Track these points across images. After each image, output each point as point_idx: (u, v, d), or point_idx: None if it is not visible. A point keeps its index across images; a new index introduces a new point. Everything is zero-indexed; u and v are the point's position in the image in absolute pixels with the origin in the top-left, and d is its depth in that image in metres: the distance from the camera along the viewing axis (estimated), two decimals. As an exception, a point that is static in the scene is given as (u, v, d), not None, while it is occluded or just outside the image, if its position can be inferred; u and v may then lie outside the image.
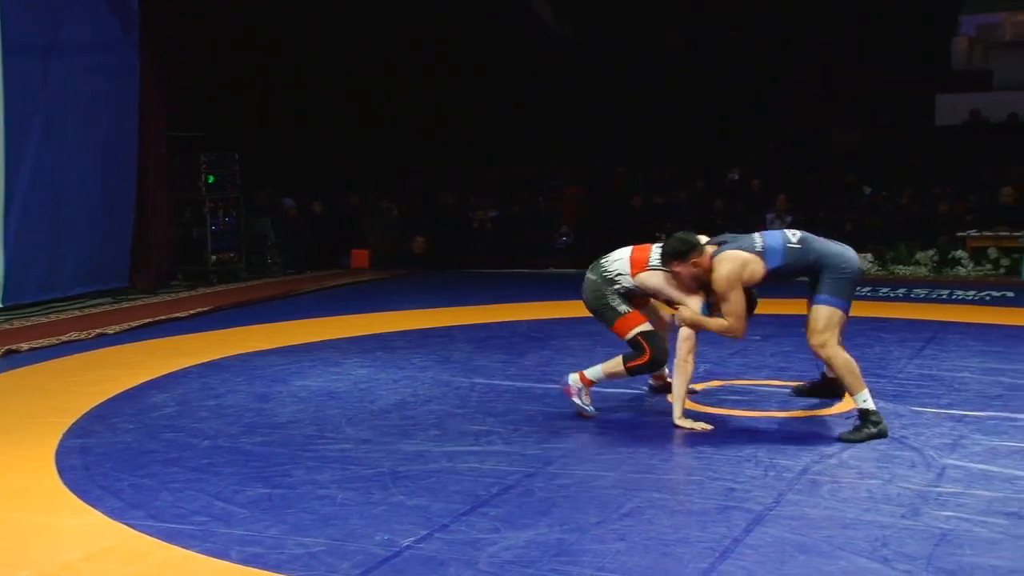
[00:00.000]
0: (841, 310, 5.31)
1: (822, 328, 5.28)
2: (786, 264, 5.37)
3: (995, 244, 12.15)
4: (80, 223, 10.74)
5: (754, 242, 5.41)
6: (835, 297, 5.30)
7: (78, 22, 10.68)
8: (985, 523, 4.01)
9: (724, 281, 5.34)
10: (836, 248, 5.42)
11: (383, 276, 13.05)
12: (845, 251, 5.43)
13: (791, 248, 5.36)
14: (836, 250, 5.39)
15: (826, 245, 5.41)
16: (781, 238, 5.42)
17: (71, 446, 5.36)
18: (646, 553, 3.79)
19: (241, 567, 3.73)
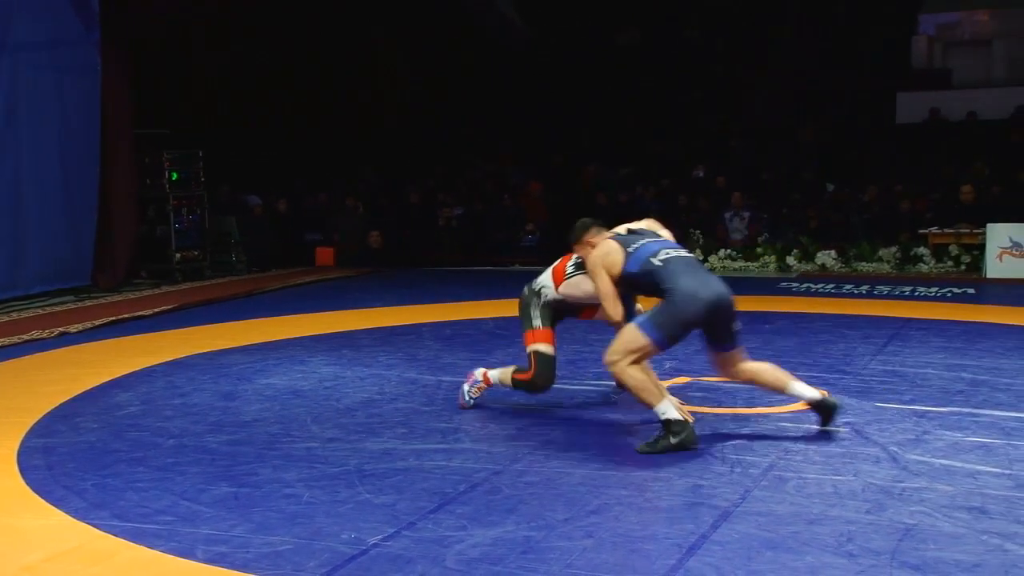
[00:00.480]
0: (651, 341, 4.93)
1: (618, 349, 4.99)
2: (638, 275, 5.12)
3: (956, 241, 12.30)
4: (42, 221, 10.61)
5: (634, 243, 5.22)
6: (653, 326, 4.93)
7: (38, 20, 10.55)
8: (949, 517, 4.06)
9: (588, 263, 5.35)
10: (691, 286, 4.93)
11: (349, 274, 13.00)
12: (699, 292, 4.92)
13: (651, 264, 5.06)
14: (689, 288, 4.92)
15: (684, 280, 4.95)
16: (650, 252, 5.13)
17: (34, 446, 5.30)
18: (614, 550, 3.80)
19: (207, 566, 3.70)
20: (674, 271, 5.01)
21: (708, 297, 4.92)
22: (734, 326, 5.11)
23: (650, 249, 5.16)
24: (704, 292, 4.92)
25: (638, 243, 5.21)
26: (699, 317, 4.93)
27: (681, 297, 4.91)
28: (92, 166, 11.28)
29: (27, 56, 10.41)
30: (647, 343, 4.94)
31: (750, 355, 5.21)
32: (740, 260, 12.89)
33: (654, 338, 4.93)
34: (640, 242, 5.22)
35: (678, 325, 4.94)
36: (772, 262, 12.76)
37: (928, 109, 16.47)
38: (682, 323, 4.94)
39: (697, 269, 5.15)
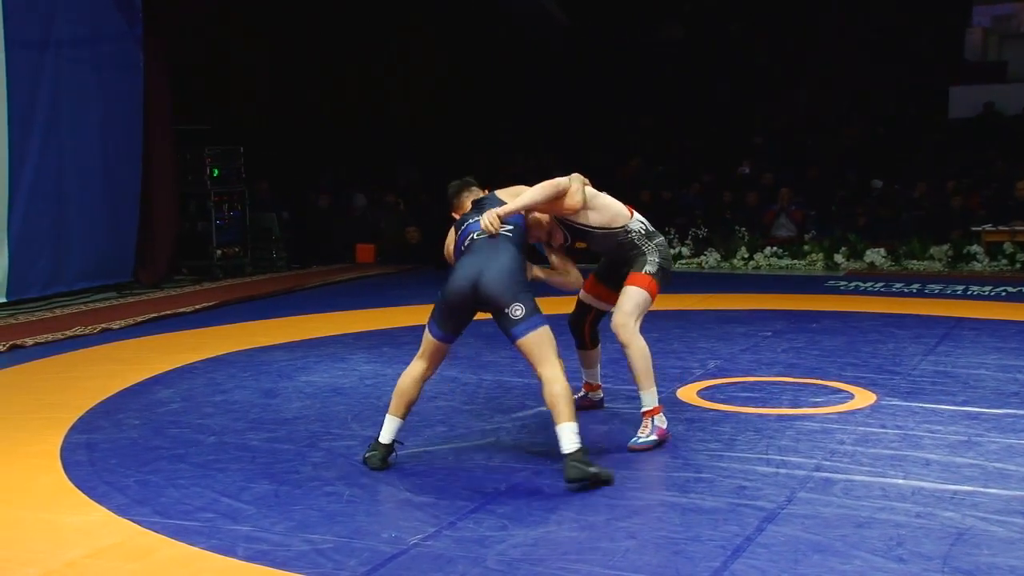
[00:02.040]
0: (428, 331, 4.75)
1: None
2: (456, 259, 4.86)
3: (1011, 239, 12.05)
4: (84, 217, 10.70)
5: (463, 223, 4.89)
6: (430, 317, 4.77)
7: (81, 16, 10.63)
8: (1002, 522, 3.95)
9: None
10: (457, 265, 4.72)
11: (389, 271, 13.01)
12: (457, 273, 4.67)
13: (460, 249, 4.82)
14: (455, 267, 4.72)
15: (462, 263, 4.70)
16: (466, 233, 4.81)
17: (76, 442, 5.32)
18: (657, 551, 3.74)
19: (247, 564, 3.69)
20: (464, 257, 4.73)
21: (460, 279, 4.63)
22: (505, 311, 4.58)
23: (467, 231, 4.81)
24: (460, 274, 4.65)
25: (463, 226, 4.88)
26: (451, 300, 4.66)
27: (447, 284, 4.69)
28: (134, 162, 11.36)
29: (69, 52, 10.49)
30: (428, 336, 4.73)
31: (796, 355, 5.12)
32: (787, 258, 12.73)
33: (432, 331, 4.72)
34: (465, 224, 4.88)
35: (445, 313, 4.69)
36: (819, 260, 12.58)
37: (982, 103, 16.14)
38: (445, 309, 4.69)
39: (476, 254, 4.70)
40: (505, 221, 4.79)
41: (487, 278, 4.58)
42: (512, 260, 4.68)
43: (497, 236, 4.73)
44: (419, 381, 4.79)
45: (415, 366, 4.79)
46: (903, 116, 16.60)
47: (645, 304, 5.03)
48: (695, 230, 13.35)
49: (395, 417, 4.76)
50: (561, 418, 4.43)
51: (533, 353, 4.57)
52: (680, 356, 7.21)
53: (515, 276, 4.64)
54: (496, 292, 4.57)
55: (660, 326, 8.29)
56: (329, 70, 16.11)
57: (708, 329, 8.28)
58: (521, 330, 4.56)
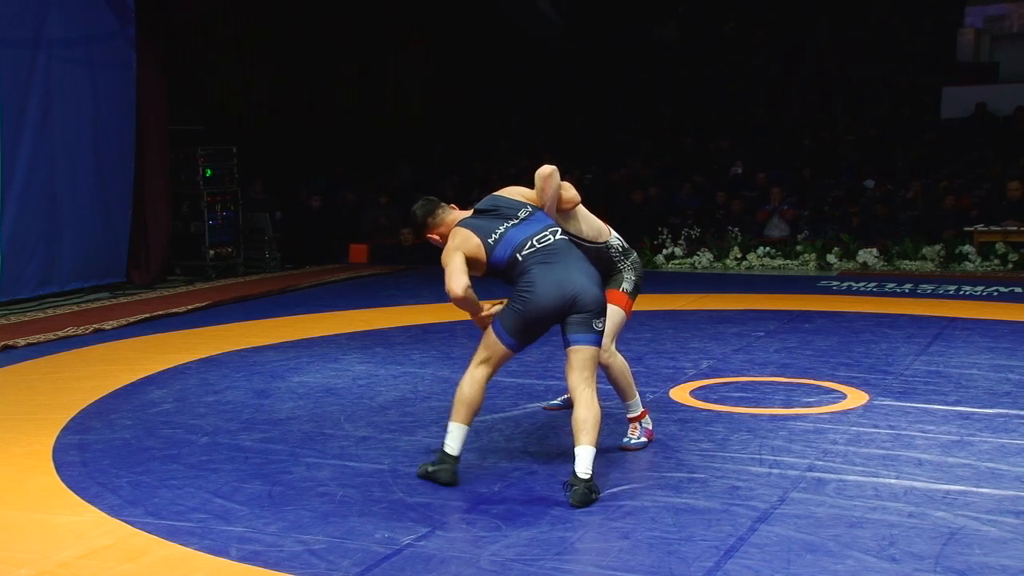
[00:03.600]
0: (498, 339, 4.51)
1: (479, 347, 4.62)
2: (504, 268, 4.60)
3: (1003, 239, 12.07)
4: (77, 217, 10.67)
5: (496, 228, 4.63)
6: (500, 323, 4.53)
7: (73, 16, 10.60)
8: (994, 522, 3.96)
9: (445, 249, 4.72)
10: (537, 277, 4.46)
11: (382, 271, 13.00)
12: (539, 286, 4.43)
13: (518, 256, 4.55)
14: (533, 278, 4.46)
15: (546, 275, 4.45)
16: (517, 240, 4.57)
17: (69, 443, 5.31)
18: (650, 552, 3.74)
19: (241, 564, 3.69)
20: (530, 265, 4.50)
21: (549, 294, 4.42)
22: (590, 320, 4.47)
23: (514, 239, 4.57)
24: (544, 288, 4.43)
25: (497, 232, 4.60)
26: (538, 315, 4.46)
27: (523, 293, 4.47)
28: (126, 162, 11.33)
29: (62, 51, 10.46)
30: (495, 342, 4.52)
31: (789, 355, 5.11)
32: (780, 258, 12.74)
33: (503, 339, 4.51)
34: (500, 230, 4.61)
35: (524, 324, 4.48)
36: (812, 260, 12.60)
37: (975, 103, 16.18)
38: (526, 320, 4.47)
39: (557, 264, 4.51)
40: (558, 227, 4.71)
41: (583, 289, 4.43)
42: (594, 268, 4.64)
43: (566, 243, 4.62)
44: (484, 387, 4.56)
45: (479, 372, 4.55)
46: (896, 116, 16.63)
47: (621, 323, 5.10)
48: (688, 230, 13.36)
49: (463, 425, 4.52)
50: (583, 439, 4.32)
51: (584, 365, 4.45)
52: (673, 356, 7.22)
53: (602, 284, 4.62)
54: (592, 302, 4.45)
55: (653, 326, 8.31)
56: (323, 70, 16.08)
57: (701, 329, 8.29)
58: (591, 340, 4.46)
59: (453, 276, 4.49)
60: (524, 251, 4.53)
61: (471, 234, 4.61)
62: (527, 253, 4.53)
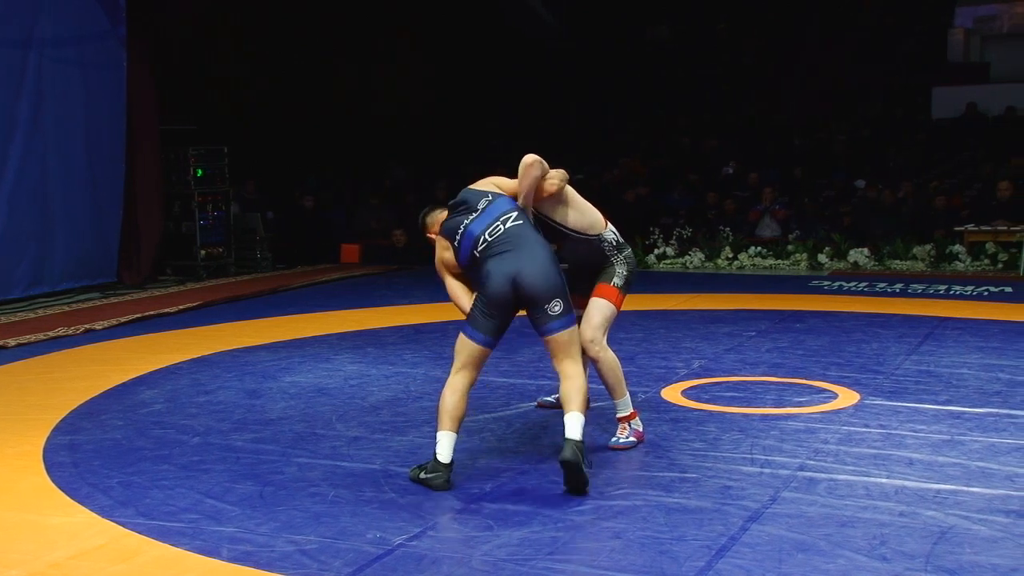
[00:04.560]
0: (468, 338, 4.57)
1: (454, 357, 4.65)
2: (471, 269, 4.70)
3: (993, 239, 12.10)
4: (68, 218, 10.65)
5: (457, 231, 4.70)
6: (467, 323, 4.61)
7: (64, 16, 10.58)
8: (984, 521, 3.97)
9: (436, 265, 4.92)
10: (491, 271, 4.52)
11: (374, 271, 12.99)
12: (491, 280, 4.51)
13: (475, 253, 4.62)
14: (487, 273, 4.53)
15: (494, 263, 4.52)
16: (474, 235, 4.62)
17: (59, 443, 5.30)
18: (642, 551, 3.74)
19: (232, 565, 3.68)
20: (489, 258, 4.55)
21: (498, 283, 4.49)
22: (545, 307, 4.52)
23: (472, 234, 4.63)
24: (497, 277, 4.50)
25: (459, 231, 4.68)
26: (495, 304, 4.52)
27: (483, 289, 4.57)
28: (117, 162, 11.31)
29: (52, 51, 10.43)
30: (465, 339, 4.58)
31: (781, 354, 5.11)
32: (771, 258, 12.77)
33: (468, 333, 4.57)
34: (461, 228, 4.68)
35: (484, 317, 4.54)
36: (803, 260, 12.62)
37: (965, 104, 16.24)
38: (484, 314, 4.53)
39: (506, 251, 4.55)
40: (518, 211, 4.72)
41: (527, 275, 4.48)
42: (546, 251, 4.63)
43: (517, 228, 4.62)
44: (465, 394, 4.57)
45: (457, 380, 4.56)
46: (887, 116, 16.68)
47: (612, 317, 5.09)
48: (679, 230, 13.38)
49: (450, 433, 4.51)
50: (571, 407, 4.43)
51: (561, 350, 4.55)
52: (664, 356, 7.23)
53: (554, 269, 4.59)
54: (538, 288, 4.49)
55: (645, 326, 8.32)
56: (317, 70, 16.06)
57: (692, 329, 8.30)
58: (556, 326, 4.52)
59: (461, 304, 4.78)
60: (479, 248, 4.61)
61: (444, 243, 4.80)
62: (481, 249, 4.60)
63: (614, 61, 18.55)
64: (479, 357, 4.61)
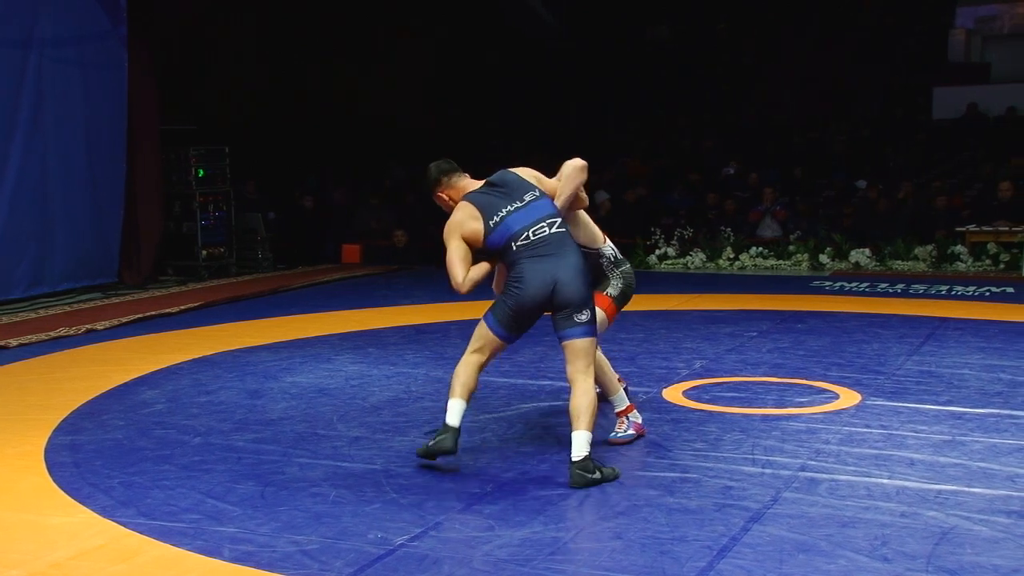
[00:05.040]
0: (491, 331, 4.66)
1: (472, 337, 4.74)
2: (499, 252, 4.70)
3: (994, 239, 12.10)
4: (69, 218, 10.65)
5: (497, 213, 4.67)
6: (492, 316, 4.68)
7: (64, 16, 10.58)
8: (986, 521, 3.97)
9: (445, 228, 4.77)
10: (527, 271, 4.56)
11: (375, 271, 12.99)
12: (527, 281, 4.55)
13: (512, 245, 4.62)
14: (523, 272, 4.57)
15: (534, 266, 4.55)
16: (515, 228, 4.62)
17: (60, 443, 5.30)
18: (643, 552, 3.74)
19: (233, 565, 3.68)
20: (524, 256, 4.57)
21: (536, 282, 4.53)
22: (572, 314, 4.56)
23: (513, 225, 4.63)
24: (532, 276, 4.54)
25: (500, 214, 4.66)
26: (524, 307, 4.58)
27: (511, 286, 4.61)
28: (118, 162, 11.31)
29: (53, 51, 10.43)
30: (487, 331, 4.67)
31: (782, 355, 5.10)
32: (772, 258, 12.77)
33: (493, 329, 4.66)
34: (502, 212, 4.67)
35: (511, 316, 4.61)
36: (804, 260, 12.62)
37: (966, 104, 16.23)
38: (513, 312, 4.60)
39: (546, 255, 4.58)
40: (561, 217, 4.74)
41: (565, 281, 4.53)
42: (580, 259, 4.68)
43: (562, 235, 4.65)
44: (478, 371, 4.70)
45: (473, 357, 4.68)
46: (888, 117, 16.67)
47: (602, 326, 5.12)
48: (680, 230, 13.37)
49: (460, 400, 4.64)
50: (579, 425, 4.50)
51: (578, 357, 4.58)
52: (666, 356, 7.22)
53: (586, 277, 4.65)
54: (572, 296, 4.54)
55: (646, 326, 8.32)
56: (316, 69, 16.06)
57: (694, 329, 8.30)
58: (579, 333, 4.57)
59: (452, 273, 4.65)
60: (519, 242, 4.61)
61: (474, 213, 4.68)
62: (521, 244, 4.61)
63: (614, 61, 18.55)
64: (497, 348, 4.73)
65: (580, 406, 4.52)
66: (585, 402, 4.52)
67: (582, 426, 4.48)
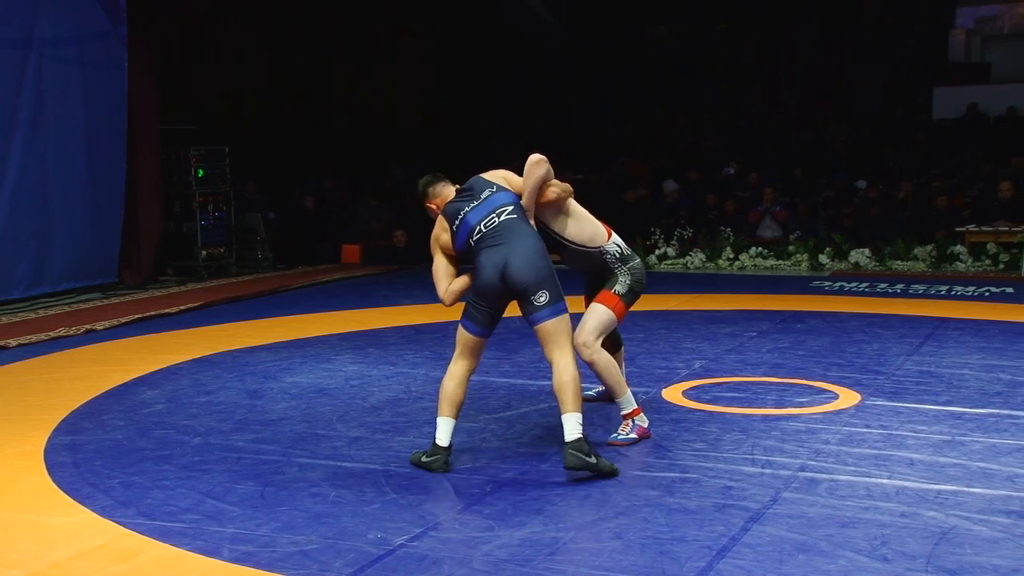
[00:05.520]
0: (464, 328, 4.75)
1: (455, 347, 4.81)
2: (464, 252, 4.83)
3: (994, 239, 12.10)
4: (69, 218, 10.65)
5: (457, 216, 4.80)
6: (463, 314, 4.78)
7: (65, 16, 10.58)
8: (986, 521, 3.97)
9: (430, 242, 4.95)
10: (482, 262, 4.67)
11: (375, 271, 12.99)
12: (482, 271, 4.67)
13: (470, 242, 4.75)
14: (479, 264, 4.69)
15: (486, 254, 4.66)
16: (470, 225, 4.73)
17: (60, 443, 5.30)
18: (642, 552, 3.74)
19: (233, 565, 3.68)
20: (482, 249, 4.67)
21: (489, 274, 4.63)
22: (531, 298, 4.62)
23: (470, 221, 4.74)
24: (487, 268, 4.64)
25: (459, 216, 4.79)
26: (485, 296, 4.67)
27: (476, 277, 4.71)
28: (118, 162, 11.31)
29: (53, 51, 10.43)
30: (461, 329, 4.74)
31: (781, 355, 5.11)
32: (772, 258, 12.77)
33: (464, 325, 4.72)
34: (461, 214, 4.78)
35: (474, 309, 4.72)
36: (804, 260, 12.62)
37: (966, 104, 16.23)
38: (475, 306, 4.72)
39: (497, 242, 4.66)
40: (515, 205, 4.81)
41: (514, 266, 4.60)
42: (536, 242, 4.72)
43: (511, 221, 4.72)
44: (463, 381, 4.78)
45: (456, 367, 4.77)
46: (888, 117, 16.67)
47: (609, 324, 5.13)
48: (680, 231, 13.38)
49: (448, 419, 4.71)
50: (566, 407, 4.53)
51: (549, 339, 4.63)
52: (665, 356, 7.23)
53: (541, 260, 4.66)
54: (523, 279, 4.60)
55: (646, 326, 8.32)
56: (317, 70, 16.06)
57: (693, 329, 8.30)
58: (543, 315, 4.62)
59: (438, 285, 4.88)
60: (474, 237, 4.73)
61: (443, 224, 4.86)
62: (476, 239, 4.73)
63: (614, 61, 18.55)
64: (475, 346, 4.78)
65: (562, 382, 4.55)
66: (567, 378, 4.55)
67: (569, 408, 4.52)
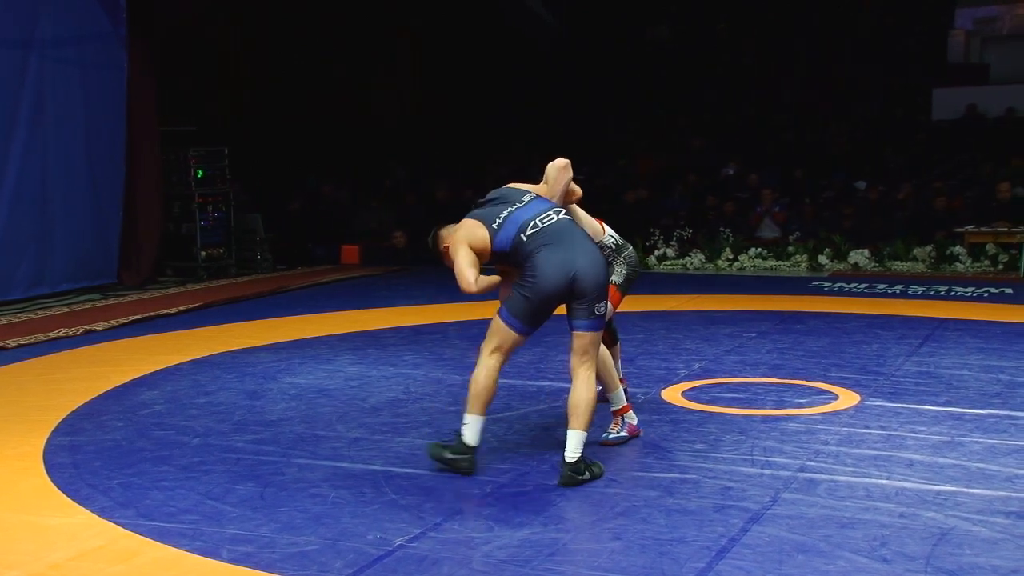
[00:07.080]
0: (507, 326, 4.56)
1: (487, 337, 4.65)
2: (507, 254, 4.64)
3: (993, 240, 12.10)
4: (68, 218, 10.64)
5: (500, 212, 4.70)
6: (507, 310, 4.58)
7: (65, 16, 10.58)
8: (985, 522, 3.97)
9: (451, 247, 4.75)
10: (541, 261, 4.50)
11: (374, 272, 12.99)
12: (543, 271, 4.48)
13: (521, 237, 4.58)
14: (537, 263, 4.50)
15: (547, 257, 4.49)
16: (522, 220, 4.61)
17: (59, 444, 5.30)
18: (642, 552, 3.74)
19: (232, 566, 3.68)
20: (535, 247, 4.53)
21: (554, 275, 4.47)
22: (591, 305, 4.53)
23: (513, 225, 4.61)
24: (550, 269, 4.47)
25: (502, 216, 4.66)
26: (544, 299, 4.52)
27: (529, 277, 4.52)
28: (118, 163, 11.30)
29: (53, 52, 10.42)
30: (504, 328, 4.57)
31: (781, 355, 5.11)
32: (771, 259, 12.77)
33: (511, 324, 4.55)
34: (504, 213, 4.67)
35: (530, 310, 4.53)
36: (803, 261, 12.62)
37: (965, 105, 16.23)
38: (531, 307, 4.52)
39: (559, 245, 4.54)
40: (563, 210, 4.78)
41: (584, 271, 4.49)
42: (597, 248, 4.69)
43: (569, 224, 4.66)
44: (497, 375, 4.64)
45: (491, 361, 4.60)
46: (887, 117, 16.67)
47: (608, 315, 5.10)
48: (680, 231, 13.37)
49: (479, 416, 4.61)
50: (575, 424, 4.50)
51: (584, 349, 4.57)
52: (665, 357, 7.23)
53: (604, 269, 4.63)
54: (592, 286, 4.50)
55: (645, 327, 8.32)
56: (316, 70, 16.06)
57: (693, 330, 8.30)
58: (595, 325, 4.56)
59: (462, 275, 4.58)
60: (528, 231, 4.57)
61: (476, 223, 4.69)
62: (531, 233, 4.57)
63: (614, 61, 18.55)
64: (514, 344, 4.65)
65: (579, 401, 4.52)
66: (586, 397, 4.51)
67: (578, 425, 4.49)
